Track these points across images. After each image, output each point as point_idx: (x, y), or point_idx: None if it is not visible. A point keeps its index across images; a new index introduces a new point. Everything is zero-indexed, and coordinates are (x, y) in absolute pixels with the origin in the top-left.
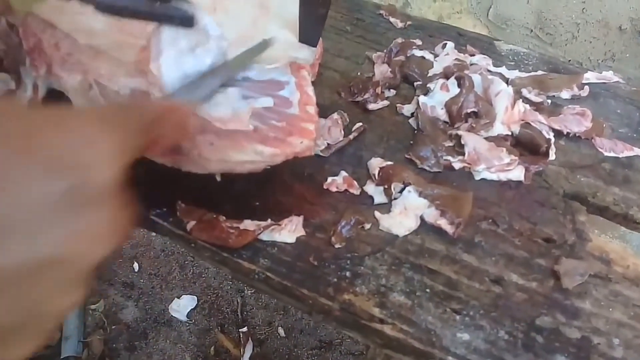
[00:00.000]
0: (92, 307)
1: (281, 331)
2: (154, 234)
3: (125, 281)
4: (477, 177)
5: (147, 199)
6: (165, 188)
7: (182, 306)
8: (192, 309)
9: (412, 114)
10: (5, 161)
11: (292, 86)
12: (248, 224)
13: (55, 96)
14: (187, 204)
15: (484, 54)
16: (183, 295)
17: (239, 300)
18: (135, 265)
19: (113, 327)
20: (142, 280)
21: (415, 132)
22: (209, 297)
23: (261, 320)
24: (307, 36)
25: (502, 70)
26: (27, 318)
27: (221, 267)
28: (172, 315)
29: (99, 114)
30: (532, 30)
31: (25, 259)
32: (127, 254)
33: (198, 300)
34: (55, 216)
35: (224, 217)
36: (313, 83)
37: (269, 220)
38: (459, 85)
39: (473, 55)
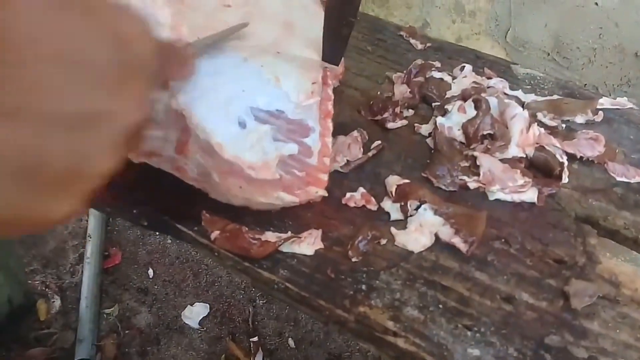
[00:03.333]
0: (107, 311)
1: (291, 342)
2: (169, 240)
3: (139, 287)
4: (492, 198)
5: (174, 208)
6: (192, 198)
7: (194, 313)
8: (204, 317)
9: (430, 134)
10: (76, 24)
11: (316, 135)
12: (269, 236)
13: None
14: (211, 214)
15: (501, 77)
16: (196, 303)
17: (250, 310)
18: (150, 272)
19: (126, 331)
20: (156, 287)
21: (432, 151)
22: (221, 305)
23: (272, 331)
24: (330, 55)
25: (519, 93)
26: (74, 169)
27: (242, 275)
28: (184, 322)
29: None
30: (549, 54)
31: (84, 107)
32: (142, 260)
33: (210, 308)
34: (109, 75)
35: (247, 228)
36: (335, 101)
37: (289, 233)
38: (476, 108)
39: (490, 78)
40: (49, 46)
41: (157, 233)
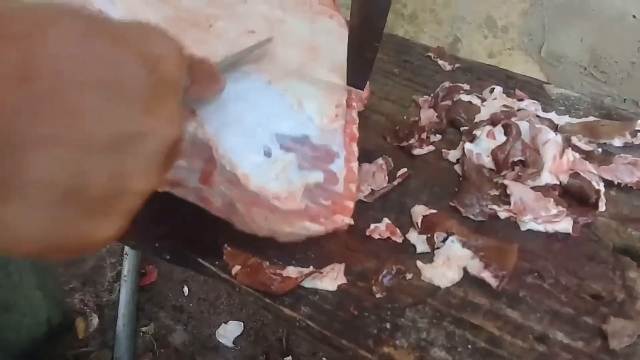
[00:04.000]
0: (143, 329)
1: None
2: None
3: (175, 305)
4: (523, 228)
5: (196, 242)
6: (215, 231)
7: (228, 332)
8: (238, 335)
9: (458, 160)
10: (109, 49)
11: (341, 161)
12: (291, 271)
13: None
14: (233, 247)
15: (533, 99)
16: (230, 321)
17: (284, 329)
18: (185, 289)
19: (162, 350)
20: (191, 305)
21: (461, 179)
22: (254, 324)
23: (306, 350)
24: (355, 80)
25: (552, 115)
26: (116, 191)
27: (264, 311)
28: (218, 341)
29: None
30: (585, 68)
31: (117, 131)
32: (177, 278)
33: (244, 327)
34: (142, 96)
35: (268, 263)
36: (360, 126)
37: (311, 268)
38: (506, 133)
39: (522, 99)
40: (80, 72)
41: None
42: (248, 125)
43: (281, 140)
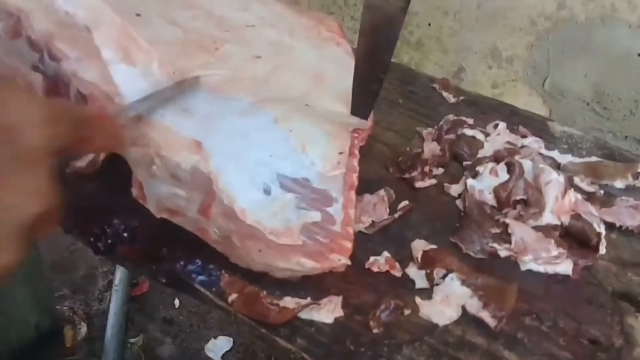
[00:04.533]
0: (131, 340)
1: None
2: None
3: (165, 317)
4: (523, 268)
5: (192, 268)
6: (212, 257)
7: (217, 347)
8: (227, 351)
9: (460, 195)
10: None
11: (339, 206)
12: (288, 301)
13: (117, 160)
14: (230, 275)
15: (536, 136)
16: (219, 336)
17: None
18: (176, 301)
19: None
20: (181, 317)
21: (462, 214)
22: (244, 339)
23: None
24: (359, 109)
25: (555, 154)
26: None
27: (259, 341)
28: (207, 356)
29: (32, 94)
30: (588, 104)
31: None
32: (169, 290)
33: (234, 343)
34: None
35: (265, 292)
36: (362, 156)
37: (309, 299)
38: (509, 172)
39: (525, 136)
40: None
41: None
42: (250, 163)
43: (282, 180)
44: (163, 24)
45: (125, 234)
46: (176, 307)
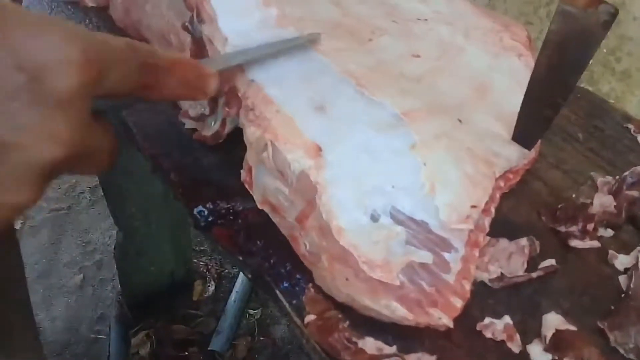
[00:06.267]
0: (250, 312)
1: None
2: None
3: None
4: None
5: (281, 270)
6: (304, 266)
7: None
8: None
9: (627, 270)
10: None
11: (458, 256)
12: (369, 344)
13: (240, 131)
14: (316, 291)
15: None
16: None
17: None
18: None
19: (261, 337)
20: None
21: (623, 296)
22: None
23: None
24: (523, 136)
25: None
26: None
27: None
28: None
29: (80, 32)
30: None
31: None
32: None
33: None
34: (10, 104)
35: (348, 323)
36: (512, 191)
37: (394, 348)
38: None
39: None
40: None
41: None
42: (366, 186)
43: (395, 213)
44: (325, 3)
45: (225, 216)
46: None
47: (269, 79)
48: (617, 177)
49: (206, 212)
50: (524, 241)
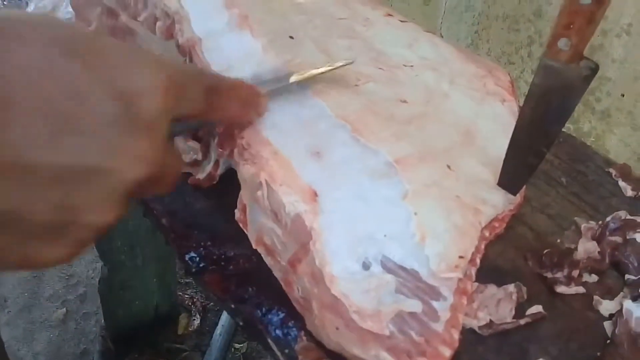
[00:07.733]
0: (236, 345)
1: None
2: None
3: None
4: None
5: (273, 318)
6: (297, 313)
7: None
8: None
9: (611, 316)
10: (75, 74)
11: (447, 304)
12: None
13: (233, 176)
14: (309, 340)
15: None
16: None
17: None
18: None
19: None
20: None
21: (608, 342)
22: None
23: None
24: (509, 182)
25: None
26: (64, 221)
27: None
28: None
29: (163, 60)
30: None
31: (74, 162)
32: None
33: None
34: (107, 131)
35: None
36: (498, 237)
37: None
38: None
39: None
40: (41, 95)
41: None
42: (359, 233)
43: (386, 262)
44: (313, 50)
45: (217, 262)
46: None
47: (266, 120)
48: (600, 222)
49: (198, 258)
50: (511, 287)
